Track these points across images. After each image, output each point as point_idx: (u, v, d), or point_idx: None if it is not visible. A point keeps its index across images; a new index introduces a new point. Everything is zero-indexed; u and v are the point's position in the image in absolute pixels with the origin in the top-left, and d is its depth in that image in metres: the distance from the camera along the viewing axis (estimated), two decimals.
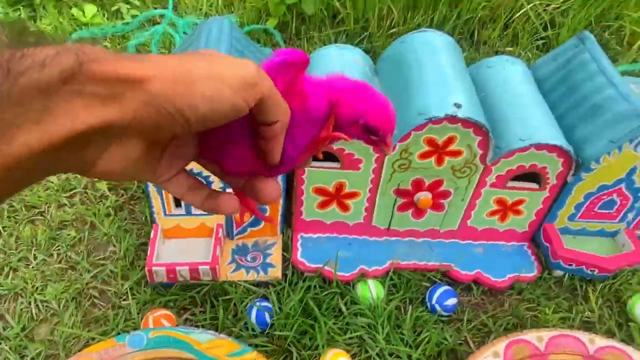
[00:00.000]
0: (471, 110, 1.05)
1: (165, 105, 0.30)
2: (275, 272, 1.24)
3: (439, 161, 1.14)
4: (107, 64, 0.29)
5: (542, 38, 1.93)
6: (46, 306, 1.17)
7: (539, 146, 1.10)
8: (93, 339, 1.11)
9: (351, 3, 1.90)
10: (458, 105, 1.04)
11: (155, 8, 2.05)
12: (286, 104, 0.35)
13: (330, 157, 1.14)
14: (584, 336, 1.09)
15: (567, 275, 1.27)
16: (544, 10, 1.92)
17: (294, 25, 1.92)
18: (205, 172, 0.70)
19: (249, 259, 1.26)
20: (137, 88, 0.30)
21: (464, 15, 1.92)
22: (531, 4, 1.91)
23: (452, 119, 1.04)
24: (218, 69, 0.32)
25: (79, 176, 1.44)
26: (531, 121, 1.14)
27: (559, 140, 1.11)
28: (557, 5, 1.90)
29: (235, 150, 0.38)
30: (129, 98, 0.29)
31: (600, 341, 1.08)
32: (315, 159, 0.56)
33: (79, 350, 1.05)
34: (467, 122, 1.05)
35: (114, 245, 1.29)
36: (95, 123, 0.29)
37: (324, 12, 1.91)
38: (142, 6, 2.06)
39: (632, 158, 1.15)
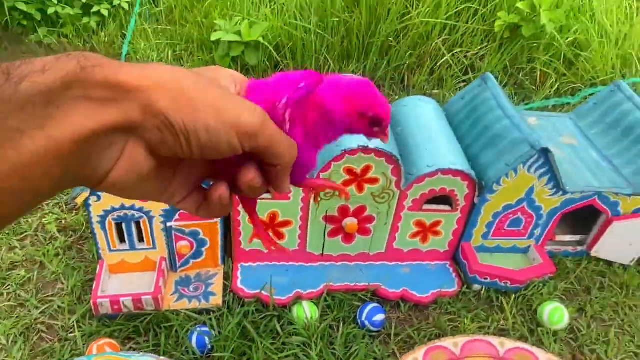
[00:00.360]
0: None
1: (171, 121, 0.30)
2: (216, 300, 1.32)
3: (360, 188, 1.27)
4: (109, 69, 0.29)
5: (464, 80, 2.13)
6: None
7: (445, 171, 1.25)
8: None
9: (290, 54, 2.08)
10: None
11: None
12: (289, 145, 0.36)
13: None
14: (494, 340, 1.20)
15: (484, 289, 1.40)
16: (464, 56, 2.14)
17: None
18: None
19: (191, 289, 1.35)
20: (140, 95, 0.30)
21: (393, 62, 2.12)
22: (452, 52, 2.12)
23: (365, 149, 1.19)
24: (225, 106, 0.32)
25: (30, 220, 1.51)
26: (438, 150, 1.30)
27: (461, 165, 1.26)
28: (475, 52, 2.13)
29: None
30: (133, 104, 0.30)
31: (510, 344, 1.20)
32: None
33: None
34: (379, 152, 1.20)
35: (62, 283, 1.36)
36: (98, 127, 0.29)
37: (267, 62, 2.08)
38: None
39: (528, 179, 1.31)
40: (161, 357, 1.13)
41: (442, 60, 2.13)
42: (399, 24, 2.07)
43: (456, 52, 2.13)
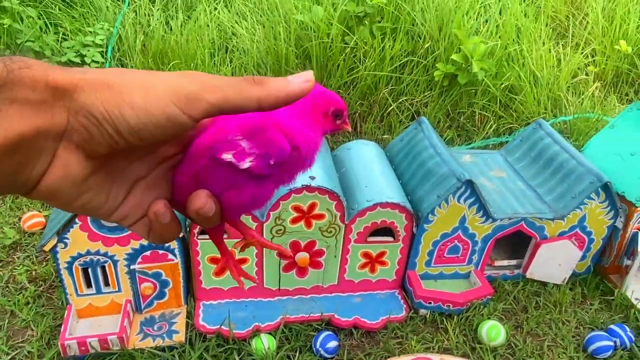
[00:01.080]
0: (324, 180, 1.34)
1: (93, 113, 0.29)
2: (180, 337, 1.41)
3: (308, 224, 1.40)
4: (38, 71, 0.29)
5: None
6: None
7: (383, 204, 1.39)
8: None
9: None
10: (312, 178, 1.33)
11: None
12: (244, 78, 0.33)
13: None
14: (435, 356, 1.31)
15: (429, 313, 1.51)
16: (410, 104, 2.34)
17: None
18: None
19: (155, 328, 1.43)
20: (68, 96, 0.29)
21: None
22: (398, 101, 2.32)
23: (308, 187, 1.32)
24: (154, 80, 0.31)
25: (1, 272, 1.59)
26: (377, 186, 1.44)
27: (397, 198, 1.41)
28: (419, 99, 2.33)
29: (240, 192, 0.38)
30: (60, 105, 0.29)
31: (448, 358, 1.31)
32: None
33: None
34: (321, 190, 1.34)
35: (32, 329, 1.43)
36: (26, 130, 0.28)
37: None
38: None
39: (459, 209, 1.46)
40: None
41: (390, 108, 2.32)
42: (348, 77, 2.26)
43: (402, 100, 2.32)
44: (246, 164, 0.36)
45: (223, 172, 0.37)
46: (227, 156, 0.36)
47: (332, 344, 1.39)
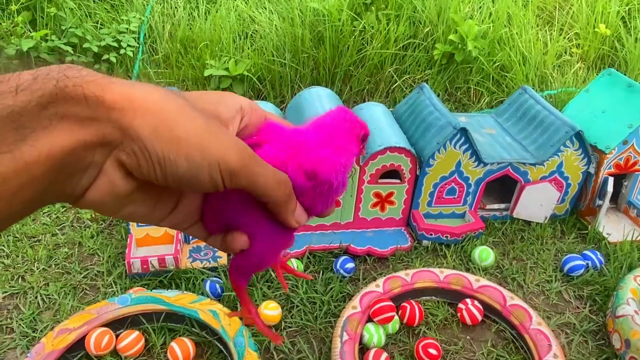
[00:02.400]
0: None
1: (149, 149, 0.30)
2: (223, 261, 1.68)
3: None
4: (93, 87, 0.29)
5: None
6: (49, 298, 1.56)
7: (391, 149, 1.67)
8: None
9: (270, 85, 2.54)
10: None
11: None
12: (277, 182, 0.36)
13: None
14: (436, 270, 1.59)
15: (431, 243, 1.79)
16: (413, 81, 2.62)
17: None
18: None
19: (202, 254, 1.71)
20: (124, 117, 0.30)
21: (355, 88, 2.58)
22: (402, 79, 2.60)
23: None
24: (210, 140, 0.32)
25: (67, 214, 1.87)
26: (386, 135, 1.73)
27: (403, 143, 1.69)
28: (420, 76, 2.61)
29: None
30: (113, 123, 0.30)
31: (448, 272, 1.58)
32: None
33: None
34: None
35: (99, 255, 1.71)
36: (73, 145, 0.29)
37: (250, 92, 2.53)
38: None
39: (455, 154, 1.74)
40: (185, 291, 1.49)
41: (395, 85, 2.61)
42: (357, 56, 2.55)
43: (405, 78, 2.61)
44: None
45: (239, 204, 0.38)
46: None
47: (350, 265, 1.66)
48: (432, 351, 1.37)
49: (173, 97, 0.32)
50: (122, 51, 2.71)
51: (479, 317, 1.48)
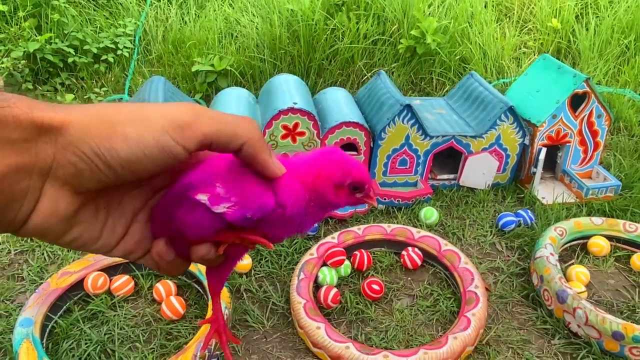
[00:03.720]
0: (304, 105, 1.90)
1: (82, 148, 0.30)
2: None
3: (293, 140, 1.95)
4: (21, 109, 0.29)
5: None
6: (53, 254, 1.82)
7: (347, 123, 1.94)
8: None
9: (251, 78, 2.82)
10: (295, 103, 1.89)
11: (115, 95, 2.90)
12: (243, 121, 0.35)
13: None
14: (385, 225, 1.85)
15: (385, 207, 2.05)
16: None
17: (213, 96, 2.80)
18: None
19: None
20: (54, 133, 0.30)
21: (328, 80, 2.86)
22: (372, 71, 2.88)
23: (292, 109, 1.88)
24: (148, 112, 0.32)
25: None
26: (343, 112, 2.00)
27: (358, 119, 1.96)
28: (388, 69, 2.89)
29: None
30: (45, 142, 0.30)
31: (394, 226, 1.84)
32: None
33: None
34: (302, 112, 1.89)
35: None
36: (8, 170, 0.29)
37: (234, 84, 2.81)
38: (106, 94, 2.90)
39: (403, 128, 2.01)
40: None
41: (365, 77, 2.88)
42: (329, 51, 2.83)
43: (374, 70, 2.88)
44: (220, 209, 0.36)
45: (198, 214, 0.36)
46: (202, 197, 0.36)
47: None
48: (375, 287, 1.63)
49: (104, 104, 0.33)
50: (119, 52, 3.00)
51: (419, 262, 1.74)
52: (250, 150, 0.35)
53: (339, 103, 2.08)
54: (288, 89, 2.01)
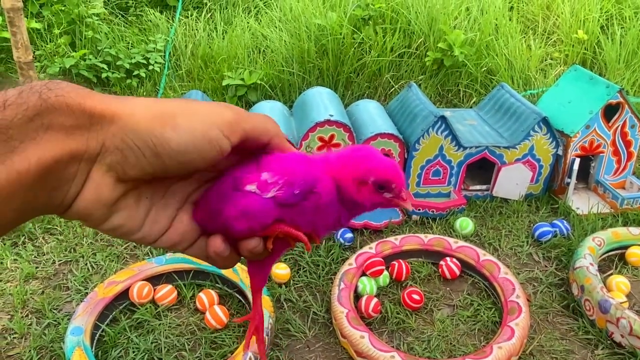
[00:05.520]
0: (339, 117, 1.93)
1: (132, 136, 0.32)
2: None
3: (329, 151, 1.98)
4: (74, 98, 0.31)
5: None
6: (97, 264, 1.86)
7: (381, 135, 1.97)
8: None
9: (280, 92, 2.86)
10: (331, 115, 1.92)
11: None
12: (266, 118, 0.39)
13: None
14: (422, 235, 1.86)
15: (420, 218, 2.06)
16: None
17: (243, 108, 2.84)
18: None
19: None
20: (106, 121, 0.31)
21: (356, 93, 2.90)
22: (399, 84, 2.91)
23: (329, 122, 1.91)
24: (193, 107, 0.34)
25: None
26: (377, 123, 2.02)
27: (392, 130, 1.98)
28: (415, 81, 2.91)
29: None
30: (96, 130, 0.31)
31: (431, 236, 1.86)
32: None
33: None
34: (338, 124, 1.92)
35: None
36: (61, 155, 0.30)
37: (263, 98, 2.85)
38: None
39: (437, 140, 2.03)
40: None
41: (392, 89, 2.91)
42: (357, 64, 2.87)
43: (401, 83, 2.92)
44: (271, 193, 0.38)
45: (249, 203, 0.38)
46: (251, 187, 0.38)
47: (349, 235, 1.94)
48: (416, 297, 1.64)
49: (151, 98, 0.35)
50: (150, 67, 3.07)
51: (457, 272, 1.75)
52: (277, 141, 0.39)
53: (372, 115, 2.11)
54: (322, 101, 2.05)
